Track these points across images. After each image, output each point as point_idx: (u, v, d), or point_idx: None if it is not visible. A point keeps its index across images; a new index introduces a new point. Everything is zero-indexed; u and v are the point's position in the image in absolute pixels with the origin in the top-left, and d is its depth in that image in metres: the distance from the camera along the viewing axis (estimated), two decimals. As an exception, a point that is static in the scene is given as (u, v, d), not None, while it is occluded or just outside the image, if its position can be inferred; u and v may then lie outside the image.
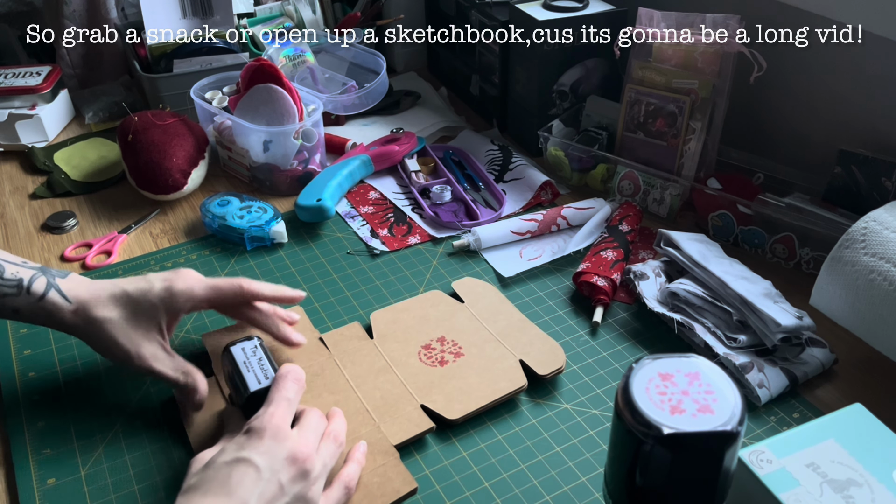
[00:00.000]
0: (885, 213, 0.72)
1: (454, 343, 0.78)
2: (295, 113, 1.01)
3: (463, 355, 0.76)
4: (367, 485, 0.64)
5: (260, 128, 1.00)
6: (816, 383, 0.75)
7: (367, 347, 0.77)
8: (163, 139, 1.00)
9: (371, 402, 0.71)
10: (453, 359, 0.76)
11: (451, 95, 1.32)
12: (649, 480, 0.51)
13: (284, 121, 1.01)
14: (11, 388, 0.75)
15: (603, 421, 0.71)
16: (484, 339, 0.78)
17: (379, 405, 0.71)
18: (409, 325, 0.80)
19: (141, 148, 1.00)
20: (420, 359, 0.76)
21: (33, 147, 1.14)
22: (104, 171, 1.10)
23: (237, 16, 1.29)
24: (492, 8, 1.13)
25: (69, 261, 0.93)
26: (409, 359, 0.76)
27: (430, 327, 0.80)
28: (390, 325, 0.80)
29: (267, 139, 1.01)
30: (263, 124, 1.01)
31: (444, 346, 0.78)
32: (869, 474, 0.53)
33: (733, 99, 0.98)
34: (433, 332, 0.79)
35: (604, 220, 0.96)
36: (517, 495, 0.65)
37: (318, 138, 1.05)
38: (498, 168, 1.09)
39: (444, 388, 0.72)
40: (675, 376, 0.52)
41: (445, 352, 0.77)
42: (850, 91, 0.92)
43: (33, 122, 1.15)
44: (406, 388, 0.72)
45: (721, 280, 0.78)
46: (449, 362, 0.75)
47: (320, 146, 1.06)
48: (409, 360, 0.76)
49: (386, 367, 0.75)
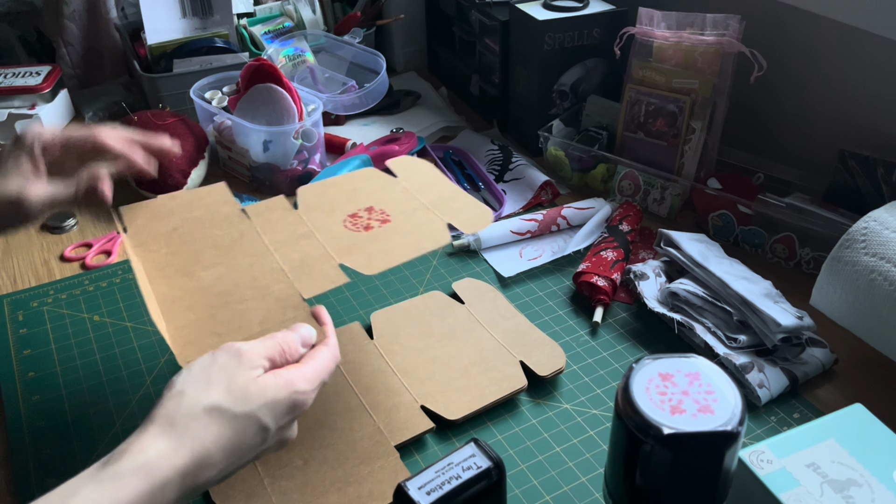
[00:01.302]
0: (885, 213, 0.72)
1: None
2: (295, 113, 1.01)
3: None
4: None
5: (260, 127, 1.00)
6: (817, 383, 0.75)
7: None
8: (162, 139, 1.00)
9: (288, 264, 0.67)
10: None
11: (451, 95, 1.32)
12: (649, 481, 0.51)
13: (284, 121, 1.01)
14: (11, 388, 0.75)
15: (603, 421, 0.71)
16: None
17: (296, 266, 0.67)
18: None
19: (141, 148, 1.00)
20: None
21: (33, 147, 1.14)
22: (104, 170, 1.10)
23: (237, 16, 1.29)
24: (492, 8, 1.13)
25: (69, 260, 0.93)
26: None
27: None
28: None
29: (267, 139, 1.01)
30: (263, 124, 1.01)
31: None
32: (869, 474, 0.53)
33: (733, 99, 0.98)
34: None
35: (604, 219, 0.96)
36: (517, 495, 0.65)
37: (318, 138, 1.05)
38: (498, 168, 1.09)
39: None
40: (676, 376, 0.52)
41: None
42: (850, 91, 0.92)
43: (33, 121, 1.15)
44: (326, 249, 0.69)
45: (721, 280, 0.78)
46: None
47: (320, 146, 1.06)
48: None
49: (309, 234, 0.71)
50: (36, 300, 0.87)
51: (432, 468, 0.55)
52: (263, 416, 0.50)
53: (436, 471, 0.55)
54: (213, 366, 0.51)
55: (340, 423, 0.69)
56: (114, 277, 0.90)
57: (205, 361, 0.52)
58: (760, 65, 0.90)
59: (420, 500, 0.53)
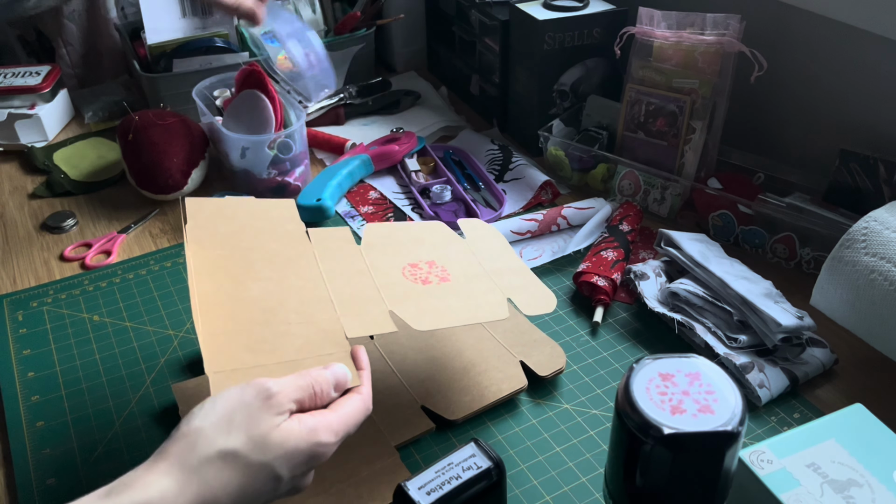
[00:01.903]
0: (885, 212, 0.72)
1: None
2: (272, 122, 0.99)
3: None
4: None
5: (234, 135, 0.98)
6: (817, 383, 0.75)
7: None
8: (163, 139, 1.00)
9: (338, 296, 0.65)
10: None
11: (451, 95, 1.32)
12: (649, 481, 0.51)
13: (263, 129, 0.99)
14: (11, 388, 0.75)
15: (603, 421, 0.71)
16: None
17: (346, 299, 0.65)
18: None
19: (141, 147, 1.00)
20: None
21: (33, 147, 1.14)
22: (104, 170, 1.10)
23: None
24: (492, 8, 1.13)
25: (69, 260, 0.93)
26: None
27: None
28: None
29: (245, 146, 0.99)
30: (245, 131, 0.99)
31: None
32: (869, 474, 0.53)
33: (734, 99, 0.98)
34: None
35: (604, 219, 0.96)
36: (517, 495, 0.65)
37: (294, 152, 1.00)
38: (498, 168, 1.09)
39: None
40: (676, 376, 0.52)
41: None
42: (850, 91, 0.92)
43: (33, 121, 1.15)
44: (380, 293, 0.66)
45: (721, 280, 0.78)
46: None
47: (303, 159, 1.03)
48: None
49: (369, 277, 0.69)
50: (36, 300, 0.86)
51: (432, 468, 0.55)
52: (279, 467, 0.49)
53: (436, 471, 0.55)
54: (238, 406, 0.49)
55: (340, 424, 0.69)
56: (113, 277, 0.90)
57: (231, 398, 0.50)
58: (761, 64, 0.90)
59: (420, 500, 0.53)
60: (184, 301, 0.86)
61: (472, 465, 0.55)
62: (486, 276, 0.72)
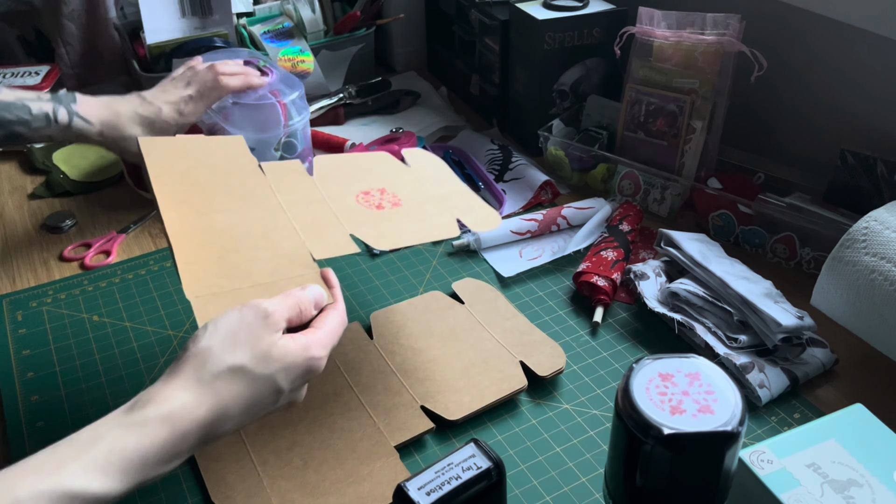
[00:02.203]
0: (886, 212, 0.72)
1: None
2: (281, 123, 0.98)
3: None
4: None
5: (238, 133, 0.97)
6: (817, 383, 0.75)
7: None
8: (162, 139, 1.00)
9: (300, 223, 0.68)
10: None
11: (451, 95, 1.32)
12: (649, 481, 0.51)
13: (269, 129, 0.98)
14: (11, 388, 0.75)
15: (603, 421, 0.71)
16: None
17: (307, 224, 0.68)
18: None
19: (140, 147, 0.99)
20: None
21: (32, 147, 1.14)
22: (103, 170, 1.10)
23: (236, 15, 1.28)
24: (492, 8, 1.13)
25: (68, 260, 0.93)
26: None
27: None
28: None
29: (251, 146, 0.98)
30: (252, 131, 0.99)
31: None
32: (870, 474, 0.53)
33: (734, 98, 0.98)
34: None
35: (604, 219, 0.96)
36: (517, 496, 0.65)
37: (298, 152, 0.99)
38: (498, 168, 1.09)
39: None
40: (676, 376, 0.52)
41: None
42: (851, 91, 0.92)
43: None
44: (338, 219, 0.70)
45: (722, 280, 0.78)
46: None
47: (306, 156, 1.03)
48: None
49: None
50: (35, 300, 0.86)
51: (432, 468, 0.55)
52: (280, 380, 0.53)
53: (436, 471, 0.55)
54: (240, 326, 0.53)
55: (340, 424, 0.69)
56: (113, 277, 0.90)
57: (232, 319, 0.54)
58: (761, 64, 0.90)
59: (420, 500, 0.53)
60: (183, 301, 0.86)
61: (472, 465, 0.55)
62: (435, 199, 0.77)
